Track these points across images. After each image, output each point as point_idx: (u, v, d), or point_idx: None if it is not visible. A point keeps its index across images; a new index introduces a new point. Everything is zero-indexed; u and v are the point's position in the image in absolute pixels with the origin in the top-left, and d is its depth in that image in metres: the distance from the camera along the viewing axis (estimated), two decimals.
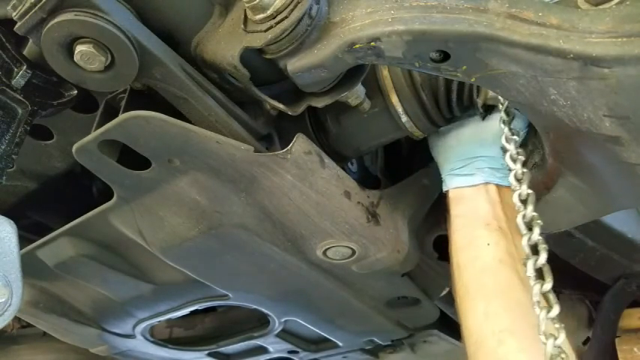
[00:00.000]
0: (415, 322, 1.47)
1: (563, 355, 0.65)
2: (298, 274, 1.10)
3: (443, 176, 1.00)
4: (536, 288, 0.69)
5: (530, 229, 0.75)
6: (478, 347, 0.79)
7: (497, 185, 0.95)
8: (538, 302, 0.69)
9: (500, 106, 0.88)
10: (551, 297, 0.69)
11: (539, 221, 0.75)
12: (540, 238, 0.73)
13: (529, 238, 0.73)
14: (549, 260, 0.72)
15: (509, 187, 0.94)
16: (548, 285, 0.69)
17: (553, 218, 0.89)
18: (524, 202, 0.78)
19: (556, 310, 0.67)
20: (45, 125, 1.00)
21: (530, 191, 0.78)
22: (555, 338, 0.66)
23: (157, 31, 0.72)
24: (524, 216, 0.76)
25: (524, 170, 0.80)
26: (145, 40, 0.68)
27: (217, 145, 0.79)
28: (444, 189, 0.99)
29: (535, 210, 0.85)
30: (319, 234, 0.96)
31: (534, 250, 0.73)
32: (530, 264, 0.71)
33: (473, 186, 0.95)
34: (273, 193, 0.88)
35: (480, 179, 0.94)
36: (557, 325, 0.67)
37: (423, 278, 1.27)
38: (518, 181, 0.80)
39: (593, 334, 1.52)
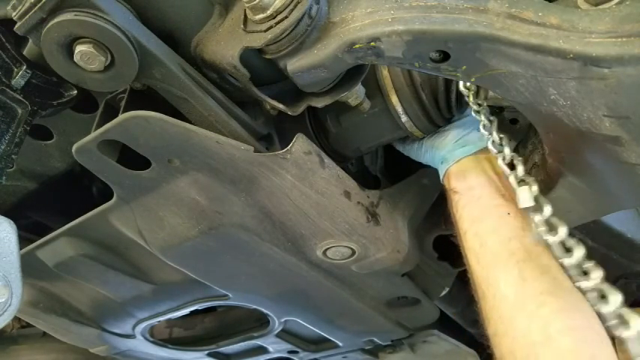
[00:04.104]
0: (415, 322, 1.47)
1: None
2: (298, 274, 1.10)
3: (442, 159, 0.97)
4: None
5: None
6: (517, 311, 0.77)
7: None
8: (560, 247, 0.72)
9: (479, 108, 0.86)
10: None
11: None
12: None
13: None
14: None
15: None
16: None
17: None
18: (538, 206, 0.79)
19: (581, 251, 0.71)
20: (45, 125, 1.00)
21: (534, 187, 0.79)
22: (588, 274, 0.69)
23: (157, 31, 0.72)
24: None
25: (525, 178, 0.80)
26: (145, 40, 0.68)
27: (217, 145, 0.79)
28: (445, 168, 0.96)
29: None
30: (319, 234, 0.96)
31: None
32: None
33: (475, 154, 0.93)
34: (273, 193, 0.88)
35: (482, 144, 0.93)
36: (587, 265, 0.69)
37: (423, 278, 1.27)
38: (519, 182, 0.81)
39: None
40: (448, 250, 1.24)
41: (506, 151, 0.83)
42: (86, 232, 1.02)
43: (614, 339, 0.69)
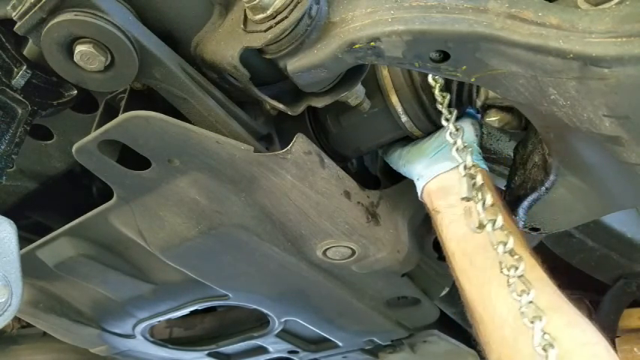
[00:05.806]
0: (415, 322, 1.47)
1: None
2: (298, 274, 1.10)
3: (417, 175, 0.94)
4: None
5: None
6: (520, 330, 0.71)
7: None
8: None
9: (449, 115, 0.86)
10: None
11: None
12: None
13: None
14: (548, 260, 0.73)
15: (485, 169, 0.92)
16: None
17: (553, 218, 0.89)
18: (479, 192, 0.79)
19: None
20: (45, 125, 1.00)
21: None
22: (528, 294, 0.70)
23: (157, 31, 0.72)
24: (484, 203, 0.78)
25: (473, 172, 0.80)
26: (145, 40, 0.68)
27: (217, 145, 0.79)
28: (422, 185, 0.93)
29: (535, 210, 0.85)
30: (319, 234, 0.96)
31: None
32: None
33: (455, 168, 0.87)
34: (272, 193, 0.88)
35: (460, 159, 0.88)
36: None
37: (423, 278, 1.27)
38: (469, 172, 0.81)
39: None
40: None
41: (468, 159, 0.81)
42: (86, 232, 1.02)
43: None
